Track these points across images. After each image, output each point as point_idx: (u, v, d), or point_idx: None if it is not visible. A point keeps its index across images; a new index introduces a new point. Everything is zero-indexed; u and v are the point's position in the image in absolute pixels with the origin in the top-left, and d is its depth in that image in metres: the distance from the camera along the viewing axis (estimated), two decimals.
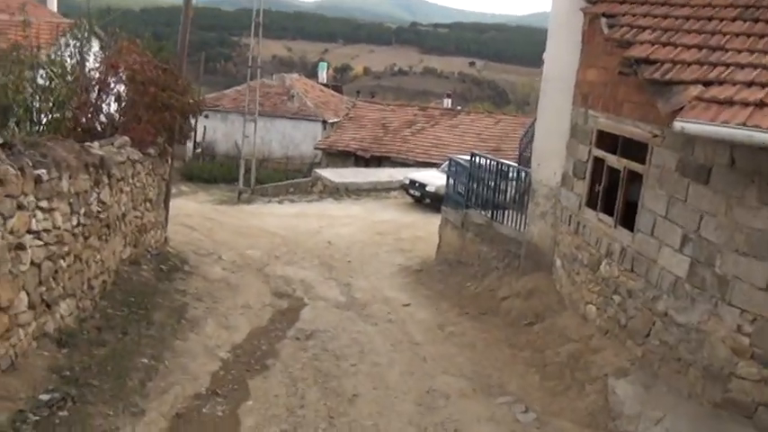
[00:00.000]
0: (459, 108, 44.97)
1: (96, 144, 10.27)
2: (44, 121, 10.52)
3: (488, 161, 12.73)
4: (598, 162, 9.29)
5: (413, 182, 22.84)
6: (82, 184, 8.41)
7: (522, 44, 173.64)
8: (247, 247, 15.84)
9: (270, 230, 18.11)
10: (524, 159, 13.78)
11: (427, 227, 19.62)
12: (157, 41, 22.24)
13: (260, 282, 12.57)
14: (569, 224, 9.90)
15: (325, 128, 42.56)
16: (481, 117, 39.25)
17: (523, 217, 11.40)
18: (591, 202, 9.39)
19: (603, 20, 8.71)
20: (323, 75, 60.05)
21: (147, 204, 12.33)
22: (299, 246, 16.28)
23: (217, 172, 38.51)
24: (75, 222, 8.26)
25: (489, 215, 12.32)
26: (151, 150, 12.27)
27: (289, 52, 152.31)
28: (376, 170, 29.00)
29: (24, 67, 9.87)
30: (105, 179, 9.32)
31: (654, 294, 7.71)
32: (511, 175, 12.25)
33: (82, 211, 8.46)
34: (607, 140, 9.11)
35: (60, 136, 10.30)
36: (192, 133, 44.62)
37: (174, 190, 33.01)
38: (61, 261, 7.89)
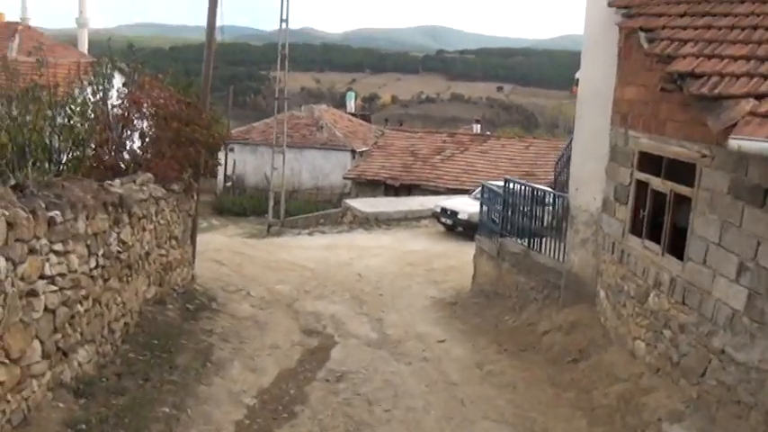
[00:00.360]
0: (488, 133, 44.56)
1: (117, 182, 10.00)
2: (64, 160, 10.26)
3: (523, 187, 12.21)
4: (641, 186, 8.74)
5: (444, 210, 22.33)
6: (100, 225, 8.10)
7: (549, 67, 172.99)
8: (277, 281, 15.46)
9: (299, 263, 17.74)
10: (560, 184, 13.23)
11: (460, 256, 19.08)
12: (186, 77, 22.20)
13: (289, 318, 12.15)
14: (612, 252, 9.33)
15: (354, 157, 42.33)
16: (512, 142, 38.69)
17: (562, 245, 10.83)
18: (635, 229, 8.83)
19: (642, 34, 8.22)
20: (351, 104, 60.01)
21: (173, 242, 12.02)
22: (329, 279, 15.86)
23: (247, 204, 38.39)
24: (93, 264, 7.92)
25: (526, 244, 11.78)
26: (175, 186, 11.99)
27: (317, 84, 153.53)
28: (406, 199, 28.55)
29: (43, 106, 9.63)
30: (126, 218, 9.01)
31: (709, 329, 7.10)
32: (547, 200, 11.71)
33: (100, 252, 8.14)
34: (650, 162, 8.57)
35: (81, 175, 10.09)
36: (221, 167, 44.78)
37: (204, 224, 33.12)
38: (78, 306, 7.54)
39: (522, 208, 11.98)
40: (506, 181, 12.52)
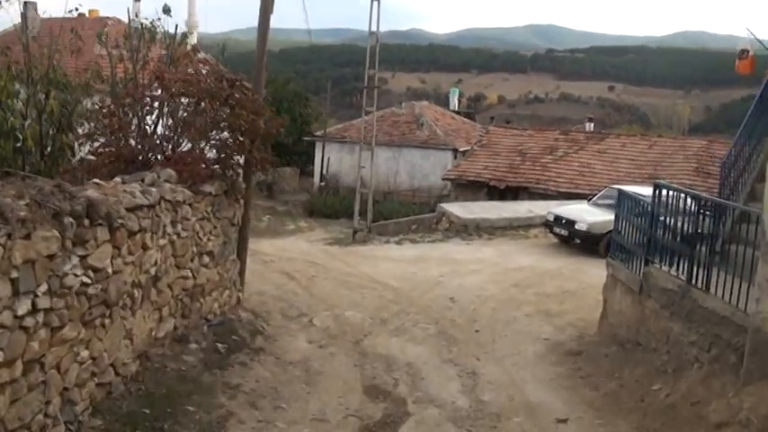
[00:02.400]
0: (605, 131, 40.39)
1: (117, 180, 7.32)
2: (48, 150, 7.63)
3: (682, 196, 8.64)
4: None
5: (558, 218, 18.78)
6: (41, 247, 5.30)
7: (662, 66, 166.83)
8: (350, 304, 12.56)
9: (381, 280, 14.74)
10: (726, 191, 9.63)
11: (578, 276, 15.59)
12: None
13: (352, 366, 9.13)
14: None
15: (455, 157, 39.17)
16: (633, 140, 34.38)
17: (745, 285, 7.26)
18: None
19: None
20: (454, 100, 56.76)
21: (205, 259, 9.25)
22: (414, 303, 12.78)
23: (339, 206, 35.79)
24: (23, 309, 5.14)
25: (685, 277, 8.22)
26: (210, 187, 9.19)
27: (423, 84, 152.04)
28: (512, 204, 25.03)
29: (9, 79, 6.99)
30: (101, 234, 6.21)
31: None
32: (724, 217, 8.13)
33: (42, 288, 5.35)
34: None
35: (62, 171, 7.46)
36: (317, 166, 42.60)
37: (291, 226, 30.73)
38: None
39: (681, 226, 8.43)
40: (657, 186, 8.96)
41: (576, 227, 18.07)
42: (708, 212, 8.15)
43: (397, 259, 17.50)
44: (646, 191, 18.10)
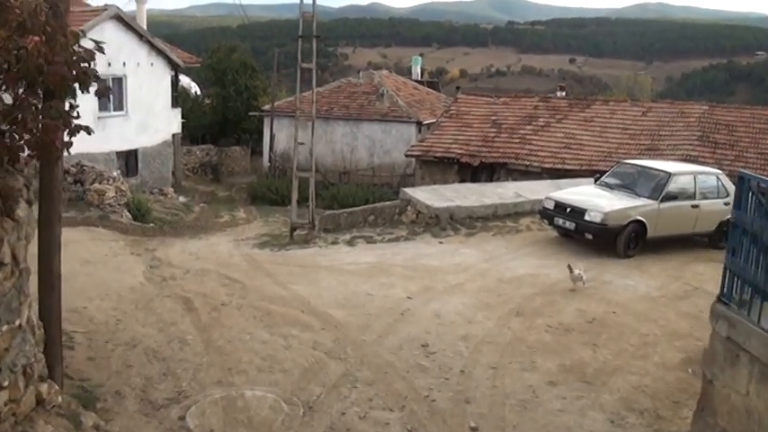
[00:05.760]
0: (591, 97, 35.88)
1: None
2: None
3: None
4: None
5: (560, 205, 14.02)
6: None
7: (623, 37, 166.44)
8: (261, 366, 7.85)
9: (320, 309, 9.94)
10: None
11: (601, 291, 10.97)
12: None
13: None
14: None
15: (420, 130, 34.36)
16: (624, 107, 29.73)
17: None
18: None
19: None
20: (417, 69, 51.85)
21: None
22: (365, 360, 7.99)
23: (286, 190, 30.66)
24: None
25: None
26: None
27: (384, 59, 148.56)
28: (493, 186, 20.15)
29: None
30: None
31: None
32: None
33: None
34: None
35: None
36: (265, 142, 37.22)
37: (225, 217, 25.39)
38: None
39: None
40: None
41: (587, 217, 13.34)
42: None
43: (347, 270, 12.57)
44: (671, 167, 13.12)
